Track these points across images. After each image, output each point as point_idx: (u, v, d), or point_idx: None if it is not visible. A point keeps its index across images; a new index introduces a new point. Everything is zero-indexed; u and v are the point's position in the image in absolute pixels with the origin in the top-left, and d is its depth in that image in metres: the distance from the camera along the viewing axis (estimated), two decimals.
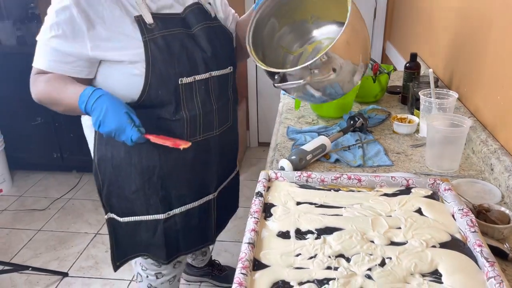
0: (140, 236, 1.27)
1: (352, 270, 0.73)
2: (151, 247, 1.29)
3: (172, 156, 1.18)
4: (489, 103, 1.26)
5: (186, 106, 1.14)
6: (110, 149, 1.17)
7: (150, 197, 1.21)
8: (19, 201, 2.81)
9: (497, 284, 0.67)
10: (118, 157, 1.17)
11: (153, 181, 1.19)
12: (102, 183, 1.22)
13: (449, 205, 0.90)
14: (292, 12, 1.25)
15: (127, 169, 1.18)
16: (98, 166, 1.21)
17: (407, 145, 1.35)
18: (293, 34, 1.32)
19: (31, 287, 2.09)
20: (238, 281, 0.68)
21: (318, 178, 1.02)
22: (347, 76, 1.12)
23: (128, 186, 1.20)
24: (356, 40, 1.08)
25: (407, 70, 1.65)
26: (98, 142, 1.19)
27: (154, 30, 1.07)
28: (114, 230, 1.28)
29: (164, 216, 1.24)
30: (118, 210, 1.24)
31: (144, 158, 1.17)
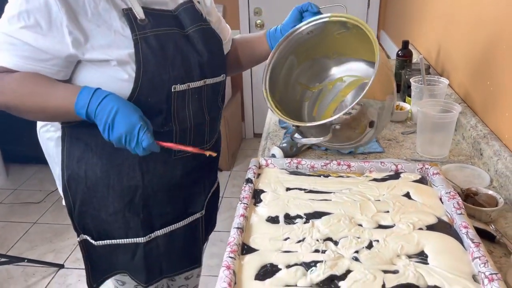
0: (117, 258, 1.11)
1: (339, 253, 0.74)
2: (130, 268, 1.14)
3: (157, 173, 1.03)
4: (479, 88, 1.27)
5: (176, 117, 0.98)
6: (83, 166, 1.00)
7: (130, 219, 1.05)
8: (14, 194, 2.81)
9: (482, 264, 0.68)
10: (93, 176, 1.00)
11: (134, 202, 1.04)
12: (73, 203, 1.05)
13: (437, 188, 0.90)
14: (313, 49, 1.20)
15: (103, 190, 1.02)
16: (68, 185, 1.03)
17: (399, 132, 1.36)
18: (312, 70, 1.26)
19: (28, 278, 2.10)
20: (226, 265, 0.69)
21: (308, 165, 1.02)
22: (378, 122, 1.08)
23: (104, 208, 1.04)
24: (381, 88, 1.04)
25: (399, 57, 1.66)
26: (67, 158, 1.01)
27: (146, 27, 0.92)
28: (88, 252, 1.10)
29: (145, 240, 1.08)
30: (93, 232, 1.07)
31: (124, 178, 1.01)
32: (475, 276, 0.68)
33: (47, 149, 1.10)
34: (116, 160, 0.99)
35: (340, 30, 1.11)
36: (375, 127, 1.06)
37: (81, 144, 0.99)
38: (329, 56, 1.25)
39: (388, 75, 1.05)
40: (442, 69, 1.62)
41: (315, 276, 0.69)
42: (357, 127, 1.04)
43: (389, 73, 1.07)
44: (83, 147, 0.99)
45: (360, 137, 1.08)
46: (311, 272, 0.70)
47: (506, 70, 1.10)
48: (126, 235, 1.07)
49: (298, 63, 1.23)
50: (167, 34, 0.95)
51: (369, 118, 1.03)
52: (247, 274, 0.70)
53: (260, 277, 0.69)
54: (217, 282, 0.65)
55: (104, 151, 0.98)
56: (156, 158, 0.99)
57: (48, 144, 1.08)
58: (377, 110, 1.03)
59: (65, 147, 1.01)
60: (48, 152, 1.10)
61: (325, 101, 1.30)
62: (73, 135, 0.99)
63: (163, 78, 0.93)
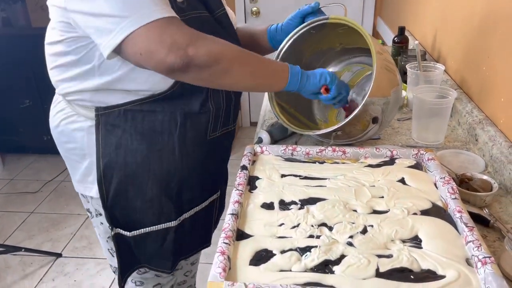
0: (145, 248, 1.11)
1: (334, 238, 0.74)
2: (154, 258, 1.14)
3: (193, 155, 1.04)
4: (475, 74, 1.26)
5: (212, 97, 1.01)
6: (122, 153, 0.98)
7: (164, 204, 1.05)
8: (11, 184, 2.81)
9: (475, 247, 0.68)
10: (133, 163, 0.99)
11: (170, 187, 1.04)
12: (107, 194, 1.02)
13: (432, 174, 0.90)
14: (318, 43, 1.21)
15: (143, 176, 1.01)
16: (103, 174, 1.00)
17: (395, 118, 1.35)
18: (319, 62, 1.27)
19: (25, 268, 2.10)
20: (220, 250, 0.69)
21: (303, 151, 1.02)
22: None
23: (141, 195, 1.03)
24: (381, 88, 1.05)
25: (395, 44, 1.65)
26: (104, 146, 0.98)
27: (186, 9, 0.90)
28: (119, 246, 1.09)
29: (176, 223, 1.09)
30: (124, 223, 1.06)
31: (165, 162, 1.01)
32: (468, 259, 0.68)
33: (72, 140, 1.02)
34: (156, 145, 0.98)
35: (342, 27, 1.13)
36: (380, 123, 1.06)
37: (118, 130, 0.96)
38: (335, 47, 1.26)
39: (390, 71, 1.05)
40: (438, 55, 1.61)
41: (310, 261, 0.69)
42: (358, 123, 1.04)
43: (391, 68, 1.06)
44: (121, 134, 0.97)
45: (362, 134, 1.08)
46: (306, 257, 0.70)
47: (502, 56, 1.10)
48: (158, 221, 1.07)
49: (305, 57, 1.24)
50: (203, 18, 0.95)
51: (372, 114, 1.03)
52: (242, 259, 0.70)
53: (254, 263, 0.69)
54: (212, 267, 0.65)
55: (144, 136, 0.97)
56: (194, 140, 1.02)
57: (74, 136, 1.01)
58: (381, 106, 1.03)
59: (100, 135, 0.97)
60: (73, 145, 1.03)
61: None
62: (109, 122, 0.96)
63: None
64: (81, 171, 1.05)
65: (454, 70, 1.44)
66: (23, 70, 2.64)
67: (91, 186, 1.05)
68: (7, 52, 2.63)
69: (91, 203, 1.10)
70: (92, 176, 1.03)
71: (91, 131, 0.98)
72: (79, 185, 1.09)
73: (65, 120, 1.01)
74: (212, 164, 1.13)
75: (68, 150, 1.05)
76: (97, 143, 0.98)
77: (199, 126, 1.03)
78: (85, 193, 1.07)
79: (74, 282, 2.02)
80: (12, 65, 2.66)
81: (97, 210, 1.10)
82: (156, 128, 0.97)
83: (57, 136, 1.06)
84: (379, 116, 1.05)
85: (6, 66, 2.68)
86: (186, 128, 1.00)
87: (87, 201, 1.11)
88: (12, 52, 2.59)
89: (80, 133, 1.00)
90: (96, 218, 1.12)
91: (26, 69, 2.60)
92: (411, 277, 0.65)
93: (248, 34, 1.21)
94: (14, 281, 2.03)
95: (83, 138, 1.00)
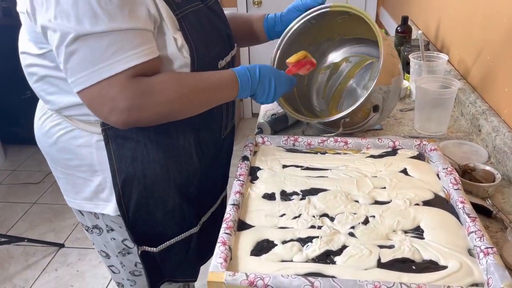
0: (170, 261, 1.06)
1: (335, 229, 0.74)
2: (179, 269, 1.09)
3: (209, 155, 1.02)
4: (479, 64, 1.25)
5: None
6: (140, 166, 0.91)
7: (186, 211, 1.01)
8: (13, 175, 2.81)
9: (477, 238, 0.67)
10: (152, 174, 0.92)
11: (190, 191, 1.01)
12: (127, 211, 0.95)
13: (434, 164, 0.90)
14: (317, 34, 1.20)
15: (163, 186, 0.95)
16: (122, 191, 0.93)
17: (397, 109, 1.34)
18: (317, 53, 1.26)
19: (28, 258, 2.12)
20: (221, 241, 0.69)
21: (305, 142, 1.02)
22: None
23: (162, 206, 0.97)
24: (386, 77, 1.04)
25: (398, 33, 1.63)
26: (118, 161, 0.90)
27: (182, 5, 0.85)
28: (147, 264, 1.03)
29: (198, 228, 1.06)
30: (148, 239, 1.00)
31: (184, 167, 0.96)
32: (470, 250, 0.68)
33: (78, 157, 0.92)
34: (173, 150, 0.94)
35: (342, 16, 1.12)
36: (380, 112, 1.06)
37: (130, 143, 0.89)
38: (333, 38, 1.26)
39: (392, 58, 1.04)
40: (441, 45, 1.59)
41: (311, 252, 0.69)
42: (359, 111, 1.03)
43: (394, 56, 1.05)
44: (134, 146, 0.90)
45: (363, 122, 1.07)
46: (307, 247, 0.70)
47: (506, 45, 1.08)
48: (181, 230, 1.03)
49: (303, 49, 1.23)
50: (199, 10, 0.90)
51: (373, 102, 1.03)
52: (243, 250, 0.70)
53: (256, 253, 0.69)
54: (213, 258, 0.65)
55: (159, 145, 0.91)
56: (208, 139, 1.00)
57: (80, 152, 0.91)
58: (382, 95, 1.03)
59: (111, 150, 0.89)
60: (79, 162, 0.93)
61: (333, 83, 1.31)
62: (119, 135, 0.88)
63: (211, 55, 0.91)
64: (91, 188, 0.96)
65: (458, 60, 1.42)
66: None
67: (103, 204, 0.96)
68: (8, 43, 2.60)
69: (101, 219, 1.00)
70: (106, 192, 0.95)
71: (100, 146, 0.89)
72: (86, 204, 0.99)
73: (65, 136, 0.91)
74: (222, 161, 1.12)
75: (72, 168, 0.95)
76: (110, 159, 0.90)
77: (213, 126, 1.01)
78: (96, 211, 0.98)
79: (76, 272, 2.03)
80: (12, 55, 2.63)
81: (108, 226, 1.01)
82: (170, 134, 0.92)
83: (55, 153, 0.95)
84: (380, 105, 1.04)
85: (6, 56, 2.66)
86: (201, 130, 0.97)
87: (95, 217, 1.01)
88: (12, 42, 2.57)
89: (87, 149, 0.91)
90: (107, 233, 1.03)
91: None
92: (412, 267, 0.65)
93: (243, 21, 1.18)
94: (17, 271, 2.04)
95: (92, 155, 0.91)
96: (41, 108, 0.97)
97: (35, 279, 1.99)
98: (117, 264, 1.10)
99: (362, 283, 0.60)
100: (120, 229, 1.00)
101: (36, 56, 0.84)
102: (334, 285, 0.60)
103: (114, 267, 1.12)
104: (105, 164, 0.91)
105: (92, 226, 1.04)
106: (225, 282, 0.61)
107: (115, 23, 0.73)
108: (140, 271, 1.08)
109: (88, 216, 1.02)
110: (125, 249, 1.04)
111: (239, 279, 0.61)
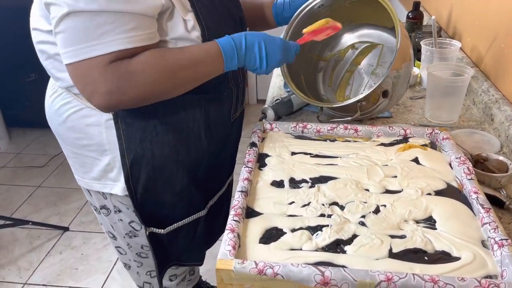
0: (177, 243, 1.06)
1: (345, 217, 0.73)
2: (186, 252, 1.10)
3: (219, 138, 1.01)
4: (493, 51, 1.22)
5: (232, 77, 0.98)
6: (149, 146, 0.91)
7: (194, 194, 1.02)
8: (17, 158, 2.81)
9: (492, 229, 0.66)
10: (161, 155, 0.93)
11: (198, 175, 1.01)
12: (135, 192, 0.95)
13: (447, 154, 0.88)
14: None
15: (172, 168, 0.95)
16: (131, 171, 0.92)
17: (407, 96, 1.32)
18: (324, 40, 1.21)
19: (32, 241, 2.12)
20: (230, 228, 0.68)
21: (314, 129, 1.00)
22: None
23: (170, 189, 0.98)
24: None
25: (409, 20, 1.59)
26: (127, 141, 0.90)
27: None
28: (154, 245, 1.03)
29: (205, 212, 1.07)
30: (155, 221, 1.00)
31: (193, 149, 0.96)
32: (484, 241, 0.67)
33: (87, 136, 0.93)
34: (182, 132, 0.94)
35: (351, 0, 1.10)
36: (390, 97, 1.04)
37: (140, 123, 0.89)
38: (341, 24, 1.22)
39: (405, 44, 1.02)
40: (453, 32, 1.56)
41: (321, 240, 0.67)
42: (369, 96, 1.01)
43: (407, 42, 1.03)
44: (144, 126, 0.90)
45: (372, 107, 1.06)
46: (317, 236, 0.69)
47: None
48: (188, 213, 1.04)
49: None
50: None
51: (382, 87, 1.01)
52: (252, 237, 0.69)
53: (264, 241, 0.68)
54: (221, 245, 0.64)
55: (168, 126, 0.91)
56: (217, 122, 0.99)
57: (89, 131, 0.91)
58: (392, 79, 1.01)
59: (121, 130, 0.89)
60: (89, 141, 0.93)
61: (339, 71, 1.29)
62: (128, 115, 0.88)
63: (222, 36, 0.88)
64: (100, 168, 0.96)
65: (470, 47, 1.39)
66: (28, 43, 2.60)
67: (112, 184, 0.97)
68: (12, 25, 2.59)
69: (109, 200, 1.01)
70: (115, 172, 0.95)
71: (109, 125, 0.89)
72: (95, 183, 0.99)
73: (75, 114, 0.91)
74: (230, 145, 1.11)
75: (81, 147, 0.95)
76: (119, 139, 0.90)
77: (223, 108, 1.00)
78: (104, 190, 0.98)
79: (81, 255, 2.04)
80: (16, 38, 2.62)
81: (116, 207, 1.02)
82: (180, 115, 0.92)
83: (65, 132, 0.96)
84: (390, 90, 1.02)
85: (10, 39, 2.65)
86: (210, 112, 0.96)
87: (103, 198, 1.01)
88: (16, 25, 2.55)
89: (97, 128, 0.91)
90: (114, 214, 1.04)
91: (30, 42, 2.56)
92: (425, 258, 0.64)
93: (253, 5, 1.16)
94: (21, 254, 2.05)
95: (101, 134, 0.91)
96: (52, 86, 0.97)
97: (40, 262, 2.00)
98: (124, 246, 1.11)
99: (374, 273, 0.58)
100: (128, 211, 1.00)
101: (47, 32, 0.84)
102: (345, 274, 0.58)
103: (121, 248, 1.13)
104: (114, 143, 0.91)
105: (100, 207, 1.04)
106: (234, 270, 0.60)
107: (111, 3, 0.72)
108: (146, 253, 1.09)
109: (96, 196, 1.02)
110: (132, 232, 1.04)
111: (248, 267, 0.60)
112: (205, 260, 1.21)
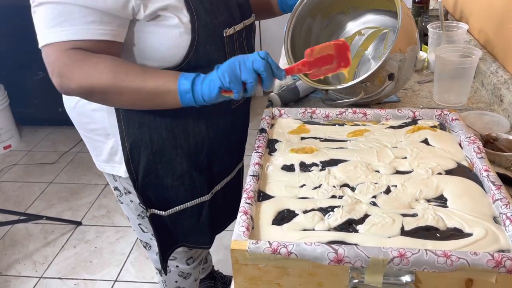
0: (182, 226, 1.10)
1: (357, 198, 0.73)
2: (192, 235, 1.13)
3: (220, 126, 1.03)
4: (500, 32, 1.21)
5: None
6: (147, 130, 0.96)
7: (196, 179, 1.04)
8: (29, 156, 2.85)
9: (503, 205, 0.66)
10: (158, 139, 0.97)
11: (200, 160, 1.03)
12: (136, 174, 1.00)
13: (456, 134, 0.88)
14: (328, 7, 1.18)
15: (171, 152, 0.99)
16: (130, 154, 0.98)
17: (414, 81, 1.32)
18: (329, 28, 1.25)
19: (47, 236, 2.16)
20: (243, 210, 0.69)
21: (323, 114, 1.00)
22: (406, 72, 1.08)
23: (171, 172, 1.01)
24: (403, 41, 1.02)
25: (415, 4, 1.58)
26: (127, 125, 0.95)
27: None
28: (156, 227, 1.08)
29: (209, 197, 1.09)
30: (158, 203, 1.05)
31: (191, 135, 0.99)
32: (496, 217, 0.67)
33: (94, 121, 0.99)
34: (180, 118, 0.96)
35: None
36: (396, 80, 1.04)
37: None
38: (345, 12, 1.25)
39: (409, 25, 1.01)
40: (460, 16, 1.55)
41: (333, 221, 0.68)
42: (375, 79, 1.01)
43: (411, 23, 1.03)
44: (142, 111, 0.94)
45: (378, 90, 1.06)
46: (329, 216, 0.69)
47: None
48: (191, 197, 1.07)
49: (315, 24, 1.22)
50: None
51: (388, 70, 1.01)
52: (264, 219, 0.70)
53: (277, 222, 0.69)
54: (235, 227, 0.65)
55: (166, 111, 0.92)
56: (218, 110, 0.99)
57: (95, 116, 0.98)
58: (398, 63, 1.01)
59: (120, 114, 0.94)
60: (95, 125, 1.00)
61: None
62: None
63: (214, 23, 0.91)
64: (107, 151, 1.02)
65: (478, 30, 1.38)
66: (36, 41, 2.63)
67: (118, 166, 1.03)
68: (20, 23, 2.61)
69: (119, 181, 1.08)
70: (119, 155, 1.01)
71: (110, 110, 0.95)
72: (105, 165, 1.06)
73: (82, 100, 0.97)
74: (237, 132, 1.13)
75: (90, 131, 1.02)
76: (119, 123, 0.95)
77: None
78: (113, 172, 1.05)
79: (95, 249, 2.07)
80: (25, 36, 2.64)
81: (126, 189, 1.08)
82: None
83: (76, 117, 1.03)
84: (395, 73, 1.03)
85: (18, 37, 2.67)
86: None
87: (114, 180, 1.09)
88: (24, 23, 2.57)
89: (100, 113, 0.97)
90: (125, 196, 1.11)
91: None
92: (437, 235, 0.64)
93: None
94: (36, 248, 2.09)
95: (104, 119, 0.97)
96: None
97: (55, 256, 2.04)
98: (142, 225, 1.16)
99: (387, 249, 0.59)
100: (136, 192, 1.05)
101: None
102: (358, 252, 0.59)
103: (142, 226, 1.17)
104: (116, 127, 0.96)
105: (113, 188, 1.12)
106: (248, 250, 0.61)
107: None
108: None
109: (109, 178, 1.10)
110: (143, 212, 1.09)
111: (262, 247, 0.61)
112: (217, 251, 1.22)
